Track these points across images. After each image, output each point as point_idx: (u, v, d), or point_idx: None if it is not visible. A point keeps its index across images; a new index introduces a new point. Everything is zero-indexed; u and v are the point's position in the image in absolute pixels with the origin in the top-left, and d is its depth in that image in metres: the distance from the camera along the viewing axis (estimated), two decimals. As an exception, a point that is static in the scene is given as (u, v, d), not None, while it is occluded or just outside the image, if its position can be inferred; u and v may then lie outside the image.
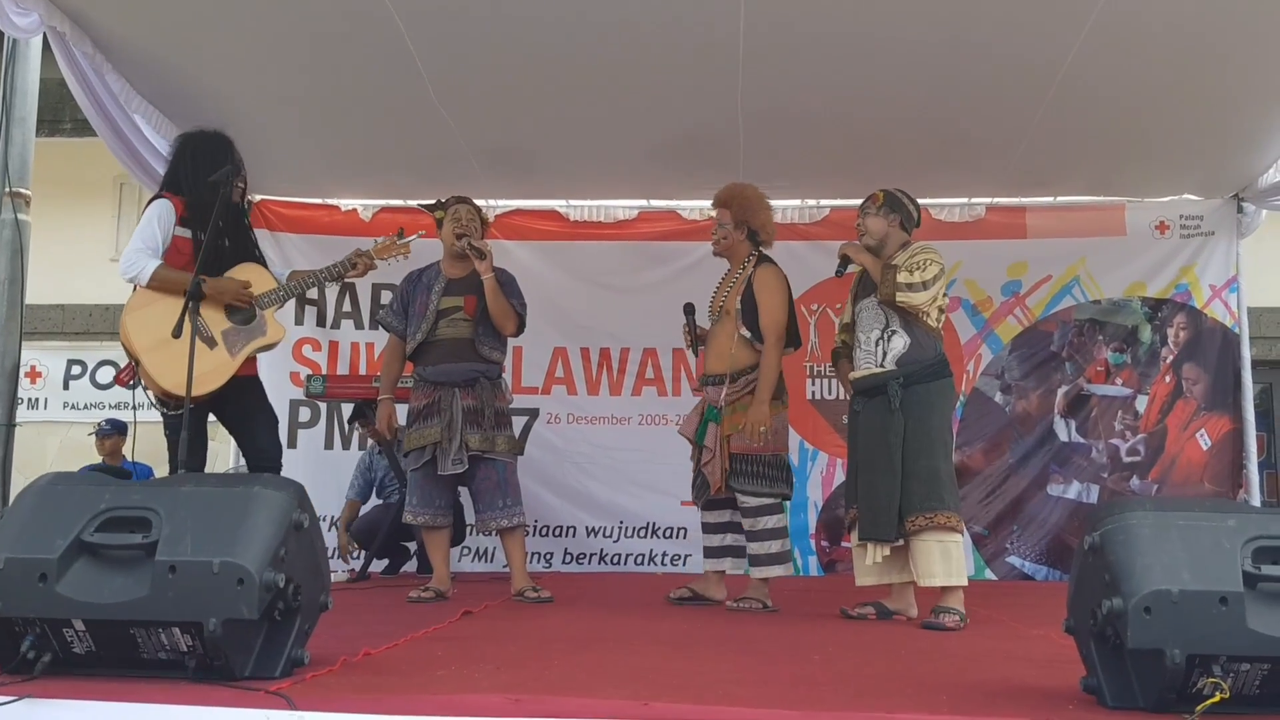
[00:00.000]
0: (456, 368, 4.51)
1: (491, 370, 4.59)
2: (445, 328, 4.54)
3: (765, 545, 4.35)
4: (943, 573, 3.81)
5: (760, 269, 4.44)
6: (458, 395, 4.48)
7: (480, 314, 4.54)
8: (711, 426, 4.41)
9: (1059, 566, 6.16)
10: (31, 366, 8.95)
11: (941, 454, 3.93)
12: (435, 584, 4.53)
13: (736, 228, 4.50)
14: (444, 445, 4.44)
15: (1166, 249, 6.38)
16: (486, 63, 4.80)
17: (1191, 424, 6.29)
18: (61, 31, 4.32)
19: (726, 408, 4.37)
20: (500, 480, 4.51)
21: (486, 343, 4.56)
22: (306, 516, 2.42)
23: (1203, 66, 4.69)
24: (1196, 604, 2.07)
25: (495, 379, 4.61)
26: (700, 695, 2.29)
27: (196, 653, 2.23)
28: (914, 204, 4.21)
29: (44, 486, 2.45)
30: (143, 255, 3.93)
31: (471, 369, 4.51)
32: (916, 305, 3.92)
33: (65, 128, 8.41)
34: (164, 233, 3.98)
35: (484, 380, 4.53)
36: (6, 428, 4.30)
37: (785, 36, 4.51)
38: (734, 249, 4.54)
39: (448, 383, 4.50)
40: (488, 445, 4.47)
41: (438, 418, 4.47)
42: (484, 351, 4.56)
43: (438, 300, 4.58)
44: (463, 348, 4.53)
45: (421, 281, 4.69)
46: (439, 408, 4.48)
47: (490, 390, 4.54)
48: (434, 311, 4.56)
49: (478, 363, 4.53)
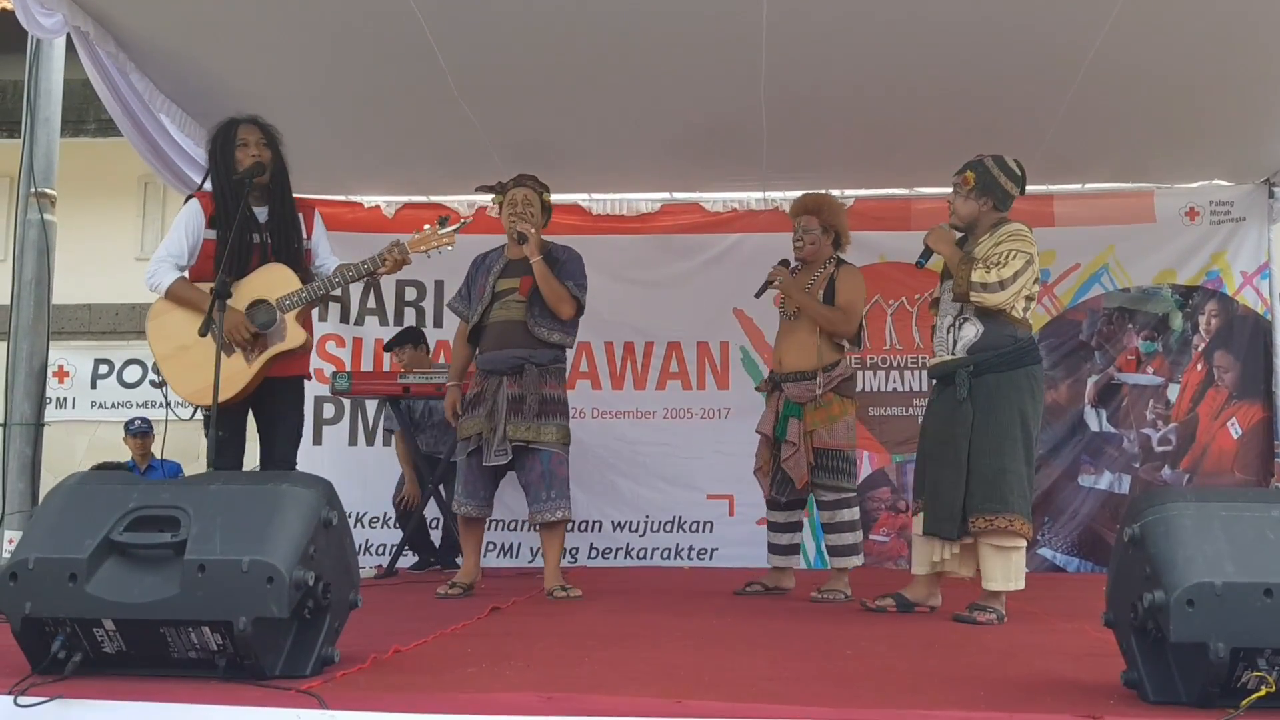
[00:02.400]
0: (503, 355, 4.45)
1: (540, 355, 4.47)
2: (499, 310, 4.49)
3: (843, 537, 4.53)
4: (1000, 578, 3.70)
5: (843, 269, 4.66)
6: (504, 384, 4.42)
7: (534, 295, 4.46)
8: (793, 422, 4.50)
9: (1091, 558, 6.11)
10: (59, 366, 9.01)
11: (1011, 451, 3.69)
12: (462, 577, 4.51)
13: (825, 233, 4.69)
14: (488, 436, 4.40)
15: (1197, 235, 6.30)
16: (507, 57, 4.78)
17: (1223, 413, 6.22)
18: (85, 31, 4.34)
19: (810, 404, 4.49)
20: (545, 471, 4.42)
21: (543, 324, 4.46)
22: (335, 514, 2.41)
23: (1233, 49, 4.61)
24: (1240, 596, 2.03)
25: (545, 365, 4.48)
26: (733, 693, 2.26)
27: (226, 652, 2.22)
28: (1013, 177, 3.89)
29: (73, 486, 2.45)
30: (165, 266, 3.91)
31: (517, 356, 4.43)
32: (991, 306, 3.71)
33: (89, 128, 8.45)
34: (192, 238, 3.95)
35: (530, 367, 4.42)
36: (36, 427, 4.32)
37: (808, 24, 4.47)
38: (819, 252, 4.69)
39: (495, 371, 4.46)
40: (533, 435, 4.38)
41: (483, 407, 4.44)
42: (539, 333, 4.45)
43: (494, 282, 4.54)
44: (515, 330, 4.45)
45: (485, 264, 4.67)
46: (485, 396, 4.45)
47: (537, 377, 4.43)
48: (490, 293, 4.52)
49: (530, 347, 4.44)
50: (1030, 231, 3.85)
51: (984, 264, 3.73)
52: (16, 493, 4.24)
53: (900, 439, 6.25)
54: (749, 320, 6.39)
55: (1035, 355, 3.86)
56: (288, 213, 4.07)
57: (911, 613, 3.94)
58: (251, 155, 3.95)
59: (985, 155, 3.95)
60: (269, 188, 4.00)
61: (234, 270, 3.82)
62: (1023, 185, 3.95)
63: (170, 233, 3.99)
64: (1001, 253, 3.74)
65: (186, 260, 3.95)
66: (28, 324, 4.36)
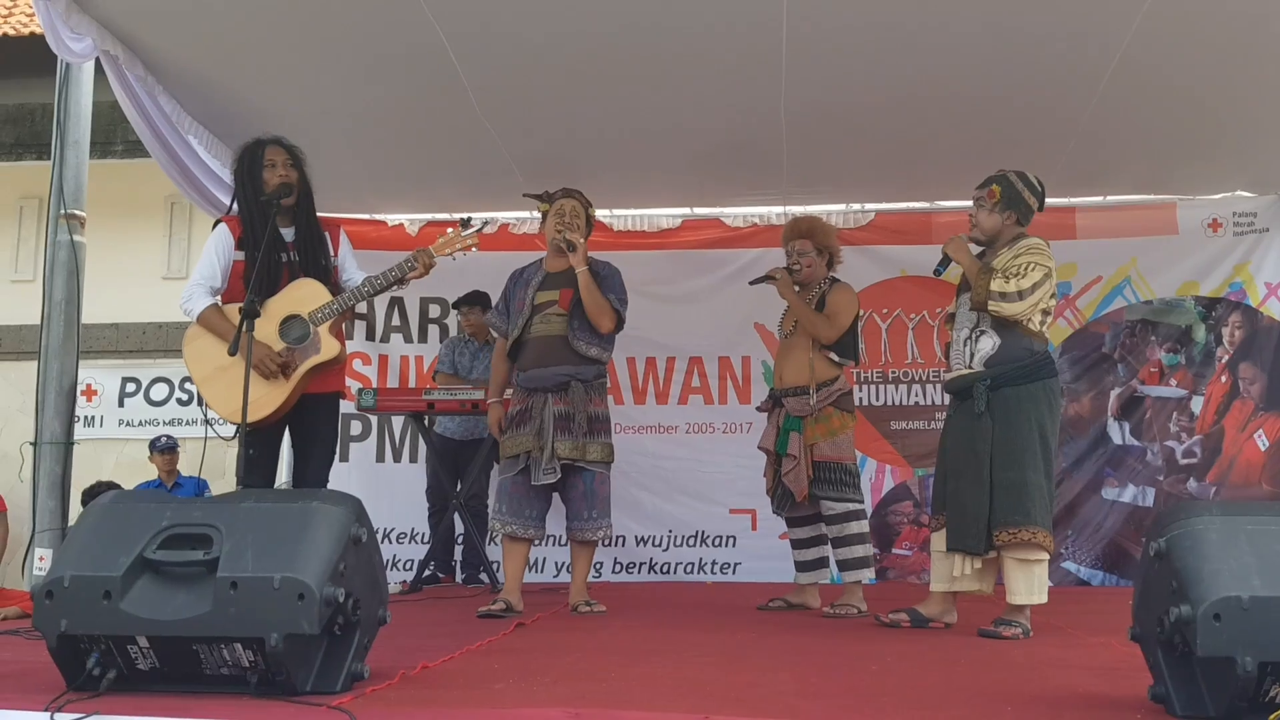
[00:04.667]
0: (547, 372, 4.39)
1: (585, 371, 4.43)
2: (540, 324, 4.45)
3: (852, 550, 4.55)
4: (1024, 591, 3.68)
5: (835, 286, 4.74)
6: (550, 401, 4.37)
7: (575, 308, 4.41)
8: (794, 436, 4.55)
9: (1115, 571, 6.07)
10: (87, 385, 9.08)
11: (1031, 463, 3.68)
12: (506, 595, 4.33)
13: (819, 254, 4.75)
14: (536, 454, 4.35)
15: (1219, 247, 6.27)
16: (529, 75, 4.83)
17: (1249, 424, 6.17)
18: (114, 55, 4.41)
19: (810, 418, 4.54)
20: (588, 490, 4.40)
21: (583, 339, 4.41)
22: (364, 531, 2.43)
23: (1255, 59, 4.61)
24: (1268, 610, 2.02)
25: (590, 380, 4.44)
26: (760, 708, 2.27)
27: (258, 668, 2.25)
28: (1035, 192, 3.92)
29: (106, 505, 2.48)
30: (199, 291, 3.97)
31: (562, 373, 4.39)
32: (1008, 316, 3.70)
33: (117, 149, 8.53)
34: (223, 262, 4.00)
35: (576, 384, 4.38)
36: (66, 446, 4.37)
37: (828, 38, 4.49)
38: (814, 274, 4.77)
39: (540, 388, 4.41)
40: (579, 453, 4.35)
41: (529, 425, 4.38)
42: (580, 348, 4.40)
43: (533, 295, 4.51)
44: (556, 346, 4.40)
45: (523, 278, 4.64)
46: (530, 414, 4.39)
47: (584, 394, 4.40)
48: (530, 306, 4.48)
49: (572, 363, 4.40)
50: (1048, 246, 3.86)
51: (1003, 274, 3.73)
52: (47, 511, 4.28)
53: (922, 452, 6.24)
54: (770, 335, 6.38)
55: (1052, 368, 3.86)
56: (314, 231, 4.12)
57: (926, 628, 3.93)
58: (280, 176, 4.00)
59: (1009, 170, 3.96)
60: (295, 208, 4.05)
61: (264, 290, 3.87)
62: (1043, 201, 3.98)
63: (202, 258, 4.05)
64: (1020, 264, 3.74)
65: (220, 283, 4.01)
66: (58, 344, 4.41)
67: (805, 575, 4.76)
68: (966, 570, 3.80)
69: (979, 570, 3.82)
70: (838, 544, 4.58)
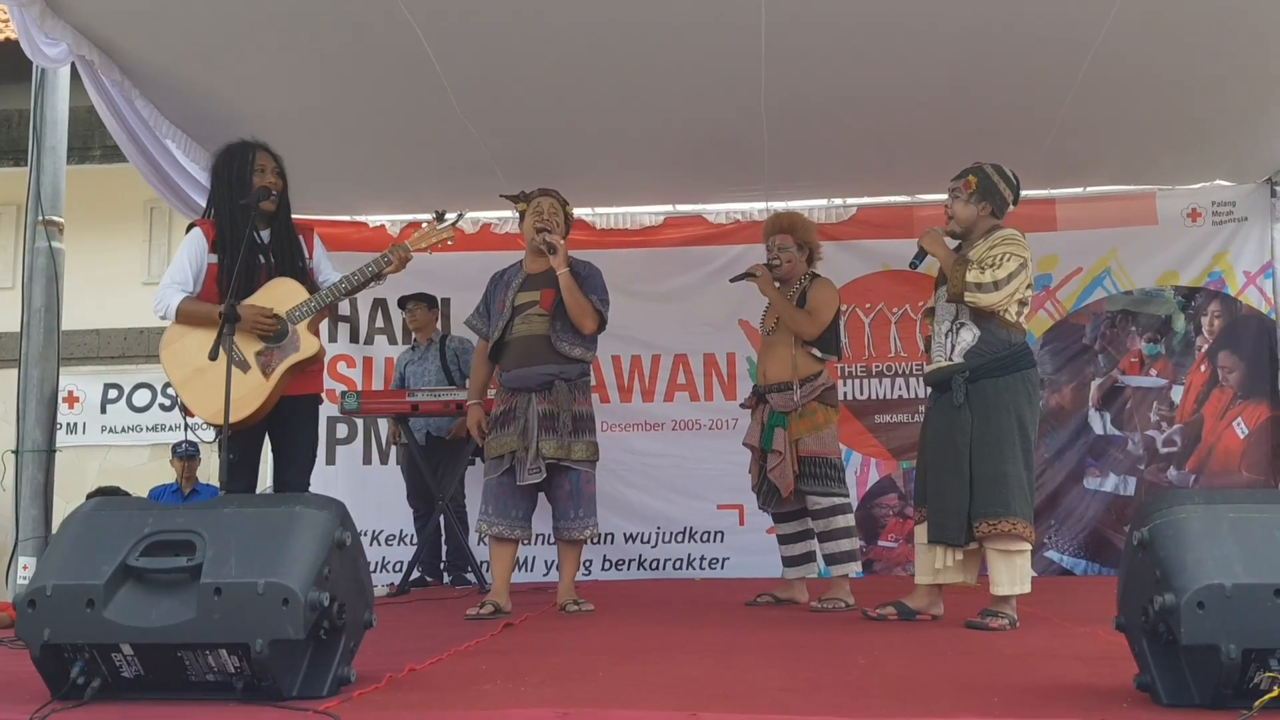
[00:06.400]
0: (530, 372, 4.39)
1: (569, 370, 4.42)
2: (521, 324, 4.44)
3: (839, 544, 4.56)
4: (1006, 582, 3.71)
5: (816, 281, 4.74)
6: (534, 401, 4.37)
7: (557, 309, 4.41)
8: (778, 431, 4.56)
9: (1098, 560, 6.12)
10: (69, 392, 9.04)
11: (1010, 455, 3.71)
12: (494, 597, 4.34)
13: (800, 250, 4.77)
14: (521, 454, 4.34)
15: (1199, 236, 6.31)
16: (508, 72, 4.81)
17: (1228, 412, 6.22)
18: (90, 60, 4.36)
19: (794, 413, 4.55)
20: (574, 489, 4.39)
21: (565, 339, 4.41)
22: (348, 534, 2.43)
23: (1232, 48, 4.62)
24: (1251, 598, 2.04)
25: (574, 379, 4.45)
26: (749, 704, 2.28)
27: (244, 674, 2.24)
28: (1010, 184, 3.97)
29: (88, 513, 2.47)
30: (170, 291, 3.92)
31: (546, 372, 4.38)
32: (985, 307, 3.73)
33: (95, 154, 8.49)
34: (195, 265, 3.96)
35: (560, 383, 4.38)
36: (48, 453, 4.34)
37: (806, 32, 4.49)
38: (795, 270, 4.78)
39: (523, 388, 4.40)
40: (564, 452, 4.34)
41: (513, 425, 4.38)
42: (562, 349, 4.40)
43: (514, 296, 4.50)
44: (538, 346, 4.40)
45: (503, 279, 4.63)
46: (515, 414, 4.39)
47: (568, 393, 4.39)
48: (510, 307, 4.48)
49: (555, 363, 4.40)
50: (1024, 237, 3.89)
51: (978, 265, 3.76)
52: (30, 519, 4.25)
53: (907, 445, 6.24)
54: (755, 331, 6.40)
55: (1030, 360, 3.88)
56: (290, 234, 4.11)
57: (913, 621, 3.94)
58: (269, 182, 4.00)
59: (985, 162, 3.98)
60: (274, 213, 4.05)
61: (241, 293, 3.84)
62: (1018, 194, 4.01)
63: (174, 261, 4.02)
64: (996, 255, 3.78)
65: (192, 287, 3.96)
66: (38, 351, 4.38)
67: (792, 570, 4.77)
68: (948, 562, 3.82)
69: (960, 562, 3.84)
70: (824, 538, 4.59)
